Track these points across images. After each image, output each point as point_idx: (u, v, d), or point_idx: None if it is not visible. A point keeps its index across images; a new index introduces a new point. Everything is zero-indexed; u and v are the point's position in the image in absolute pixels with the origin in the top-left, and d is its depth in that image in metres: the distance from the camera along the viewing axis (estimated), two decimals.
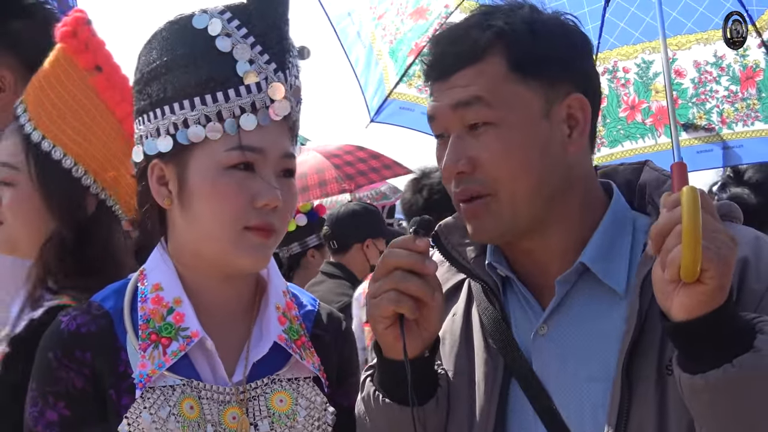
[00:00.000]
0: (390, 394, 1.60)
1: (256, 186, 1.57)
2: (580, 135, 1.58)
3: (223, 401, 1.60)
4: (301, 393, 1.66)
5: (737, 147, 3.27)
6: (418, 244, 1.53)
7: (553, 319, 1.61)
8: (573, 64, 1.60)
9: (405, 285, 1.52)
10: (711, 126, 3.29)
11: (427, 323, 1.56)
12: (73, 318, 1.60)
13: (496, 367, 1.62)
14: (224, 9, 1.59)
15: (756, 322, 1.39)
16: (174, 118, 1.58)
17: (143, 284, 1.65)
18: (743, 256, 1.52)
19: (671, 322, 1.39)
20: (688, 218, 1.31)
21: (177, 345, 1.58)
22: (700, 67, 3.25)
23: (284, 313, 1.69)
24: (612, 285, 1.57)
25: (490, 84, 1.56)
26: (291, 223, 4.95)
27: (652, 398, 1.50)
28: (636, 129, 3.38)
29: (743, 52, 3.19)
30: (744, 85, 3.21)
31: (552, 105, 1.57)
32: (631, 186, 1.69)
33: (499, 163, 1.55)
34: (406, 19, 3.02)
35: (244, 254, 1.59)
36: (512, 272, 1.65)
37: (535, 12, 1.61)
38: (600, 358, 1.55)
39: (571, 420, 1.55)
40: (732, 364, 1.34)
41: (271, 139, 1.59)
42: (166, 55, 1.60)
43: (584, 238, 1.60)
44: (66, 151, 1.97)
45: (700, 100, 3.28)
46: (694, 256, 1.30)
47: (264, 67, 1.58)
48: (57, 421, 1.57)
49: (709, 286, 1.33)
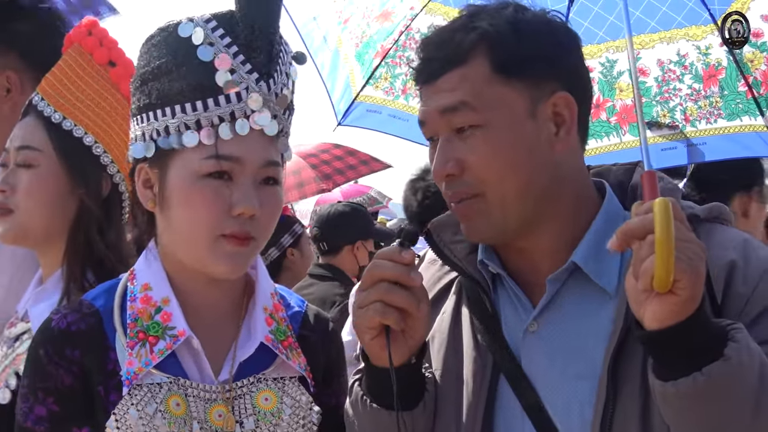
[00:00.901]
0: (377, 399, 1.62)
1: (233, 195, 1.58)
2: (567, 133, 1.58)
3: (209, 399, 1.63)
4: (287, 392, 1.69)
5: (701, 144, 3.30)
6: (404, 256, 1.54)
7: (544, 317, 1.62)
8: (558, 62, 1.59)
9: (390, 297, 1.53)
10: (675, 124, 3.31)
11: (413, 332, 1.57)
12: (63, 316, 1.63)
13: (485, 365, 1.64)
14: (210, 17, 1.60)
15: (729, 329, 1.40)
16: (156, 124, 1.60)
17: (133, 284, 1.68)
18: (731, 259, 1.54)
19: (644, 331, 1.40)
20: (660, 229, 1.32)
21: (164, 343, 1.61)
22: (663, 65, 3.27)
23: (271, 314, 1.72)
24: (602, 285, 1.59)
25: (474, 87, 1.57)
26: None
27: (637, 397, 1.52)
28: (601, 127, 3.40)
29: (705, 51, 3.22)
30: (707, 83, 3.24)
31: (537, 104, 1.57)
32: (623, 186, 1.70)
33: (486, 165, 1.56)
34: (372, 22, 3.01)
35: (218, 261, 1.60)
36: (503, 269, 1.66)
37: (519, 11, 1.61)
38: (588, 357, 1.57)
39: (558, 417, 1.57)
40: (701, 372, 1.36)
41: (251, 148, 1.59)
42: (153, 62, 1.61)
43: (576, 236, 1.61)
44: (87, 130, 2.04)
45: (663, 99, 3.31)
46: (667, 267, 1.31)
47: (245, 77, 1.58)
48: (46, 416, 1.59)
49: (680, 297, 1.34)
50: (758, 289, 1.52)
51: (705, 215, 1.62)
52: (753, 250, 1.57)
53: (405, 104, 3.12)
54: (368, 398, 1.64)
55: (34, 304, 2.04)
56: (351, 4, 3.04)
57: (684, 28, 3.21)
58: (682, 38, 3.22)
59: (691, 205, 1.64)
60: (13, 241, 2.12)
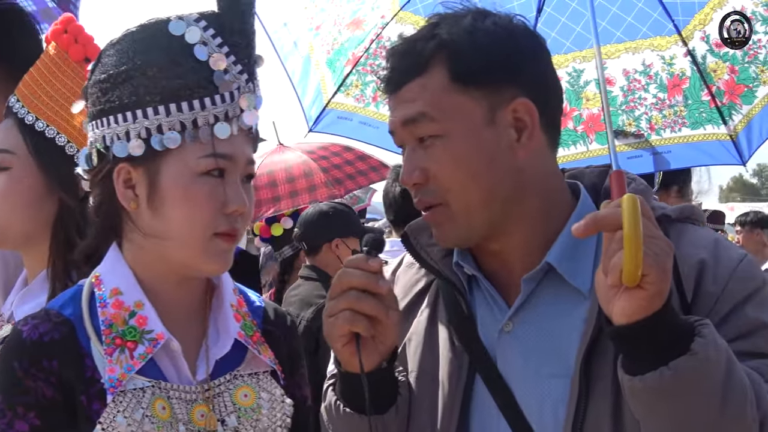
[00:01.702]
0: (350, 403, 1.64)
1: (226, 193, 1.60)
2: (528, 138, 1.59)
3: (191, 400, 1.62)
4: (262, 387, 1.69)
5: (666, 152, 3.36)
6: (370, 264, 1.56)
7: (519, 317, 1.63)
8: (517, 68, 1.60)
9: (359, 305, 1.54)
10: (640, 132, 3.37)
11: (383, 338, 1.59)
12: (34, 327, 1.58)
13: (461, 365, 1.65)
14: (199, 17, 1.60)
15: (696, 324, 1.42)
16: (147, 122, 1.57)
17: (100, 289, 1.63)
18: (701, 258, 1.56)
19: (613, 327, 1.42)
20: (628, 224, 1.34)
21: (143, 348, 1.60)
22: (629, 75, 3.33)
23: (237, 310, 1.73)
24: (576, 285, 1.60)
25: (433, 97, 1.58)
26: (278, 228, 5.01)
27: (609, 395, 1.53)
28: (568, 136, 3.45)
29: (670, 61, 3.29)
30: (671, 92, 3.30)
31: (496, 111, 1.58)
32: (596, 188, 1.72)
33: (448, 174, 1.58)
34: (343, 30, 3.03)
35: (211, 260, 1.62)
36: (479, 271, 1.68)
37: (478, 19, 1.61)
38: (561, 356, 1.58)
39: (532, 416, 1.58)
40: (668, 366, 1.38)
41: (239, 147, 1.62)
42: (139, 59, 1.58)
43: (550, 237, 1.63)
44: (59, 130, 2.02)
45: (629, 108, 3.36)
46: (635, 261, 1.34)
47: (237, 77, 1.60)
48: (28, 430, 1.54)
49: (648, 291, 1.36)
50: (728, 287, 1.55)
51: (676, 215, 1.65)
52: (723, 250, 1.60)
53: (375, 111, 3.15)
54: (341, 403, 1.65)
55: (19, 305, 2.03)
56: (322, 11, 3.06)
57: (649, 39, 3.27)
58: (647, 48, 3.28)
59: (662, 206, 1.67)
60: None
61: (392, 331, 1.59)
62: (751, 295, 1.55)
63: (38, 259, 2.04)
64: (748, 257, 1.61)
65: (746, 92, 3.19)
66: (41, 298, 1.95)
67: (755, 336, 1.53)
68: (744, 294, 1.55)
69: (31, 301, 1.95)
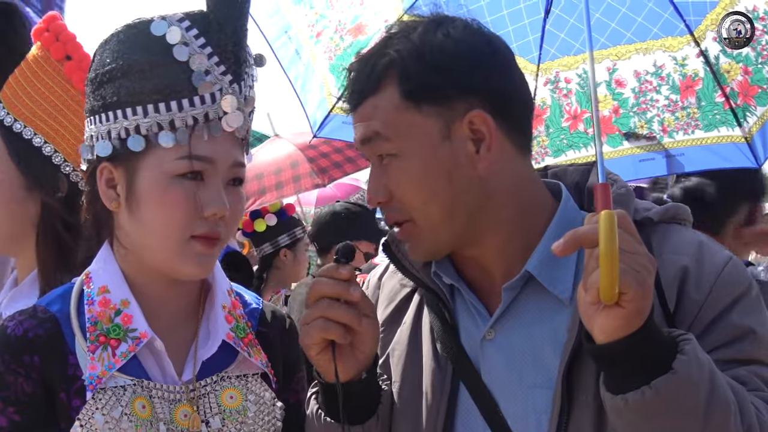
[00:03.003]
0: (330, 413, 1.63)
1: (204, 196, 1.57)
2: (487, 150, 1.57)
3: (174, 400, 1.61)
4: (250, 389, 1.68)
5: (679, 155, 3.31)
6: (341, 272, 1.56)
7: (500, 324, 1.62)
8: (469, 80, 1.56)
9: (332, 313, 1.55)
10: (652, 135, 3.32)
11: (361, 345, 1.59)
12: (19, 323, 1.59)
13: (445, 374, 1.64)
14: (183, 17, 1.58)
15: (679, 340, 1.39)
16: (126, 123, 1.57)
17: (89, 287, 1.64)
18: (683, 265, 1.53)
19: (593, 345, 1.40)
20: (604, 242, 1.31)
21: (126, 346, 1.59)
22: (640, 76, 3.28)
23: (230, 311, 1.71)
24: (556, 293, 1.58)
25: (385, 116, 1.56)
26: (261, 223, 4.97)
27: (591, 407, 1.51)
28: (579, 138, 3.40)
29: (682, 62, 3.23)
30: (684, 94, 3.25)
31: (451, 125, 1.56)
32: (579, 187, 1.69)
33: (406, 193, 1.57)
34: (345, 36, 3.01)
35: (187, 263, 1.59)
36: (460, 279, 1.67)
37: (429, 31, 1.58)
38: (544, 366, 1.57)
39: (516, 426, 1.57)
40: (650, 386, 1.35)
41: (222, 150, 1.59)
42: (121, 59, 1.58)
43: (530, 243, 1.60)
44: (36, 131, 2.01)
45: (641, 110, 3.31)
46: (611, 279, 1.31)
47: (219, 78, 1.57)
48: (7, 426, 1.55)
49: (626, 310, 1.33)
50: (712, 294, 1.52)
51: (659, 217, 1.61)
52: (707, 254, 1.56)
53: None
54: (322, 412, 1.65)
55: (9, 305, 2.02)
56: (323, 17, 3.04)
57: (660, 39, 3.22)
58: (659, 49, 3.23)
59: (647, 207, 1.63)
60: None
61: (369, 339, 1.59)
62: (736, 300, 1.52)
63: (28, 259, 2.04)
64: (733, 260, 1.57)
65: (760, 93, 3.13)
66: (31, 299, 1.93)
67: (741, 342, 1.50)
68: (728, 300, 1.51)
69: (21, 301, 1.93)
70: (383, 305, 1.79)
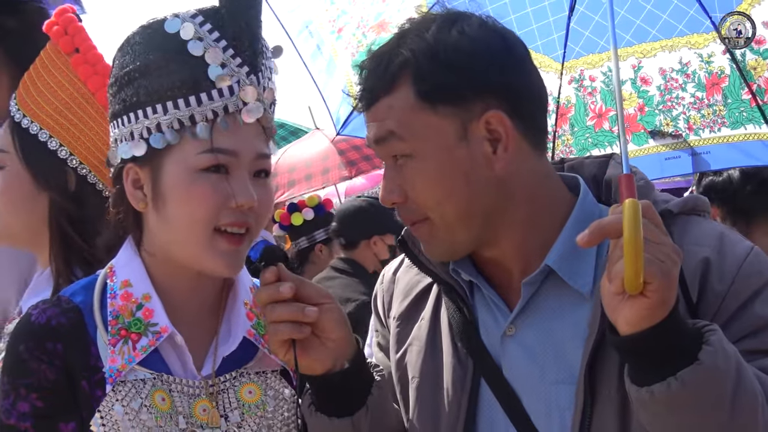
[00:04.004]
0: (318, 405, 1.64)
1: (231, 187, 1.58)
2: (504, 150, 1.55)
3: (193, 394, 1.63)
4: (269, 385, 1.69)
5: (705, 153, 3.28)
6: (266, 277, 1.59)
7: (520, 320, 1.61)
8: (484, 80, 1.55)
9: (274, 315, 1.57)
10: (678, 133, 3.30)
11: (324, 333, 1.60)
12: (42, 311, 1.61)
13: (465, 371, 1.63)
14: (196, 13, 1.59)
15: (704, 331, 1.38)
16: (147, 122, 1.58)
17: (112, 280, 1.66)
18: (705, 256, 1.52)
19: (617, 336, 1.39)
20: (628, 230, 1.30)
21: (146, 340, 1.61)
22: (665, 74, 3.26)
23: (252, 308, 1.71)
24: (577, 287, 1.57)
25: (400, 117, 1.55)
26: (298, 217, 4.98)
27: (615, 401, 1.51)
28: (604, 137, 3.39)
29: (708, 59, 3.21)
30: (710, 91, 3.23)
31: (468, 126, 1.54)
32: (597, 180, 1.68)
33: (423, 194, 1.56)
34: (368, 32, 3.01)
35: (215, 259, 1.60)
36: (479, 275, 1.65)
37: (443, 29, 1.56)
38: (566, 361, 1.56)
39: (539, 422, 1.56)
40: (675, 377, 1.34)
41: (244, 142, 1.59)
42: (138, 60, 1.60)
43: (548, 239, 1.59)
44: (42, 126, 2.03)
45: (666, 107, 3.29)
46: (635, 268, 1.30)
47: (236, 71, 1.58)
48: (30, 412, 1.57)
49: (651, 300, 1.33)
50: (734, 285, 1.50)
51: (679, 209, 1.60)
52: (729, 245, 1.55)
53: None
54: (313, 406, 1.66)
55: (27, 299, 2.05)
56: (344, 14, 3.04)
57: (685, 36, 3.20)
58: (684, 46, 3.20)
59: (666, 199, 1.62)
60: (3, 242, 2.14)
61: (329, 324, 1.60)
62: (758, 291, 1.50)
63: (46, 254, 2.06)
64: (755, 250, 1.56)
65: None
66: (46, 293, 1.95)
67: (765, 332, 1.48)
68: (751, 291, 1.50)
69: (37, 296, 1.95)
70: (399, 299, 1.79)
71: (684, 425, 1.39)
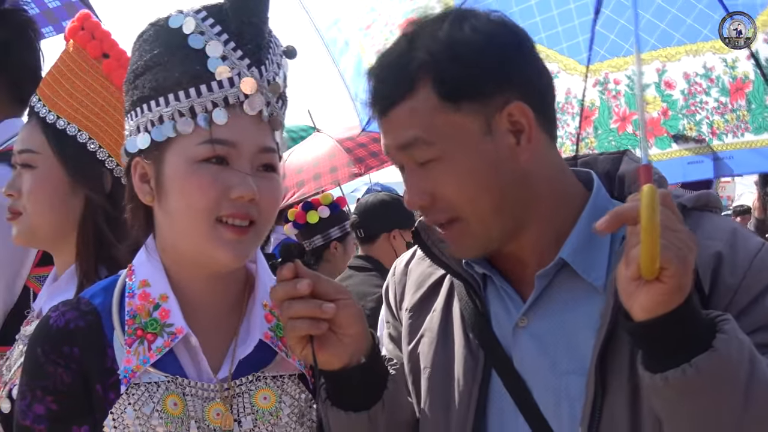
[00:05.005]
0: (335, 401, 1.65)
1: (231, 178, 1.57)
2: (528, 141, 1.57)
3: (207, 398, 1.62)
4: (285, 390, 1.68)
5: (727, 158, 3.29)
6: (283, 273, 1.58)
7: (533, 312, 1.62)
8: (504, 73, 1.56)
9: (292, 312, 1.56)
10: (701, 137, 3.31)
11: (342, 329, 1.59)
12: (62, 314, 1.62)
13: (476, 362, 1.64)
14: (200, 8, 1.61)
15: (718, 320, 1.39)
16: (150, 115, 1.60)
17: (131, 280, 1.67)
18: (717, 250, 1.53)
19: (632, 322, 1.40)
20: (645, 215, 1.32)
21: (162, 341, 1.60)
22: (689, 78, 3.28)
23: (271, 310, 1.70)
24: (590, 279, 1.58)
25: (425, 121, 1.55)
26: (314, 215, 5.02)
27: (625, 392, 1.52)
28: (627, 140, 3.40)
29: (732, 64, 3.22)
30: (734, 96, 3.23)
31: (491, 120, 1.56)
32: (610, 176, 1.69)
33: (455, 193, 1.57)
34: (395, 30, 3.03)
35: (218, 249, 1.59)
36: (491, 268, 1.67)
37: (455, 28, 1.57)
38: (577, 352, 1.57)
39: (548, 412, 1.57)
40: (690, 364, 1.35)
41: (245, 133, 1.59)
42: (145, 56, 1.63)
43: (562, 232, 1.61)
44: (80, 127, 2.06)
45: (690, 112, 3.30)
46: (652, 253, 1.31)
47: (237, 63, 1.58)
48: (45, 414, 1.58)
49: (667, 285, 1.33)
50: (746, 279, 1.51)
51: (692, 204, 1.61)
52: (741, 240, 1.56)
53: None
54: (330, 401, 1.66)
55: (48, 300, 2.06)
56: (372, 11, 3.07)
57: (710, 41, 3.21)
58: (708, 51, 3.22)
59: (677, 195, 1.63)
60: (25, 242, 2.17)
61: (347, 320, 1.59)
62: None
63: (69, 256, 2.08)
64: (766, 246, 1.57)
65: None
66: (69, 293, 1.98)
67: None
68: (762, 285, 1.51)
69: (59, 297, 1.95)
70: (411, 291, 1.80)
71: (696, 413, 1.40)
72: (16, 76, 2.55)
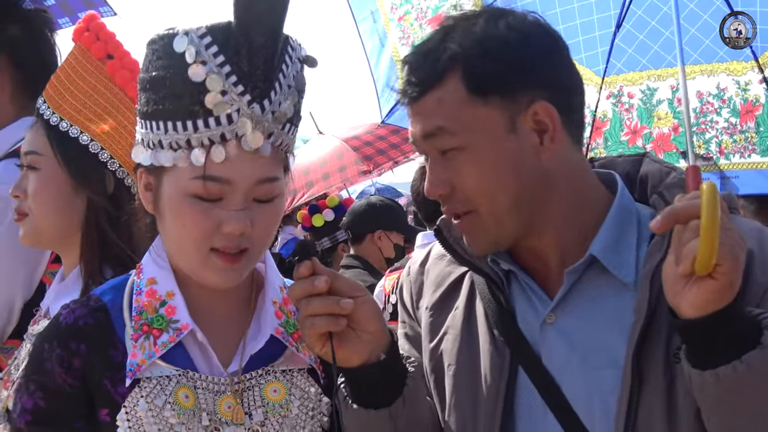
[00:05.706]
0: (355, 398, 1.64)
1: (222, 214, 1.57)
2: (551, 141, 1.58)
3: (218, 391, 1.63)
4: (295, 384, 1.69)
5: (734, 177, 3.36)
6: (301, 271, 1.58)
7: (561, 308, 1.62)
8: (533, 72, 1.57)
9: (310, 309, 1.56)
10: (709, 155, 3.38)
11: (360, 325, 1.59)
12: (71, 311, 1.65)
13: (503, 359, 1.65)
14: (206, 31, 1.55)
15: (761, 318, 1.41)
16: (152, 135, 1.59)
17: (139, 278, 1.69)
18: (748, 248, 1.52)
19: (681, 319, 1.42)
20: (707, 212, 1.33)
21: (167, 336, 1.62)
22: (702, 97, 3.35)
23: (281, 307, 1.72)
24: (620, 276, 1.59)
25: (450, 111, 1.56)
26: (319, 219, 5.07)
27: (661, 386, 1.53)
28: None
29: (745, 86, 3.30)
30: (743, 118, 3.31)
31: (516, 117, 1.56)
32: (630, 178, 1.72)
33: (473, 185, 1.59)
34: (425, 25, 3.08)
35: (210, 274, 1.61)
36: (515, 264, 1.69)
37: (491, 23, 1.58)
38: (608, 347, 1.58)
39: (579, 408, 1.57)
40: (741, 360, 1.35)
41: (241, 169, 1.56)
42: (151, 71, 1.59)
43: (587, 231, 1.63)
44: (82, 129, 2.05)
45: (700, 130, 3.37)
46: (710, 249, 1.32)
47: (236, 99, 1.53)
48: (31, 409, 1.61)
49: (720, 282, 1.35)
50: None
51: None
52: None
53: None
54: (349, 399, 1.65)
55: (55, 300, 2.07)
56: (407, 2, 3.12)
57: (725, 63, 3.29)
58: (723, 72, 3.30)
59: None
60: (31, 243, 2.16)
61: (366, 317, 1.59)
62: None
63: (74, 255, 2.09)
64: None
65: None
66: (74, 293, 1.99)
67: None
68: None
69: (66, 296, 1.97)
70: (430, 290, 1.79)
71: (746, 409, 1.42)
72: (35, 75, 2.53)
